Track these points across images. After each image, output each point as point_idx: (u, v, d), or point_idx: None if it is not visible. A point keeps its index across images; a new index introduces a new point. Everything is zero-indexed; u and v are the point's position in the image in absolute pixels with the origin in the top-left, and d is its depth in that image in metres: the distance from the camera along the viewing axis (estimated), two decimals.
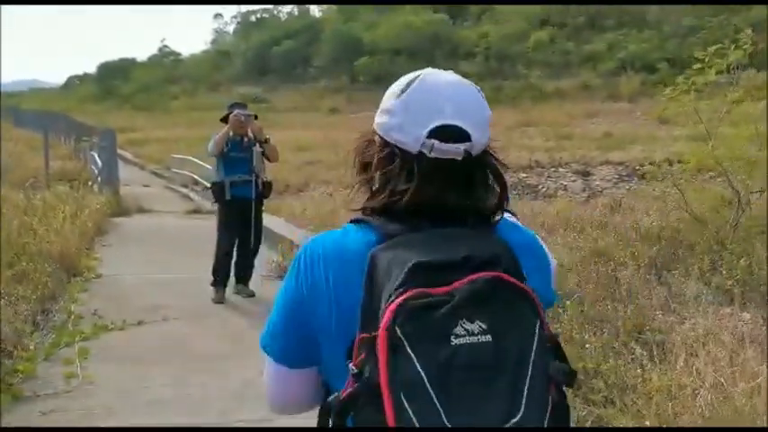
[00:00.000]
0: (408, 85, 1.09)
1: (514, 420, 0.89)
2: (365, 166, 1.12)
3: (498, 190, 1.08)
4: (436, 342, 0.89)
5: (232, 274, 5.76)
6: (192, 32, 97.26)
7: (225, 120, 5.64)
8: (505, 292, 0.94)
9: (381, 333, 0.90)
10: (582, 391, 3.25)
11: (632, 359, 3.45)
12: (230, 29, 69.70)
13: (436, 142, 1.03)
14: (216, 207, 5.86)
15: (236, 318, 5.14)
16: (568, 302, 4.27)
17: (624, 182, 15.74)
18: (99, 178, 13.84)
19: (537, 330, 0.94)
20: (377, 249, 0.99)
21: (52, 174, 15.87)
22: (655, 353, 3.43)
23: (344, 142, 19.97)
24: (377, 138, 1.11)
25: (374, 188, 1.09)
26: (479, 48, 42.62)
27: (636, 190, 12.36)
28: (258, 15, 65.27)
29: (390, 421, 0.88)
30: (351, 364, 0.93)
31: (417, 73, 1.13)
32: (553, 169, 17.73)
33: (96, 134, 16.61)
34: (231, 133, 5.57)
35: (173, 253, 7.54)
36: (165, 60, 62.69)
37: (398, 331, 0.89)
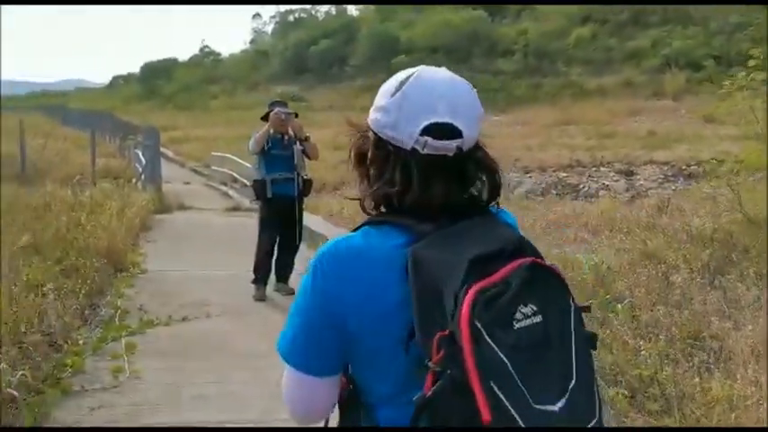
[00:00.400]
0: (402, 83, 1.11)
1: (571, 386, 0.97)
2: (361, 160, 1.15)
3: (489, 183, 1.12)
4: (504, 328, 0.94)
5: (273, 271, 5.76)
6: (232, 33, 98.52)
7: (266, 118, 5.65)
8: (543, 274, 1.00)
9: (464, 327, 0.92)
10: (637, 400, 3.13)
11: (690, 367, 3.31)
12: (269, 29, 70.30)
13: (429, 139, 1.06)
14: (257, 204, 5.88)
15: (277, 315, 5.13)
16: (619, 307, 4.13)
17: (670, 182, 15.34)
18: (143, 176, 14.08)
19: (571, 303, 1.02)
20: (418, 248, 1.01)
21: (98, 171, 16.20)
22: (713, 360, 3.29)
23: None
24: (371, 133, 1.13)
25: (370, 181, 1.13)
26: (518, 45, 42.08)
27: (683, 190, 12.03)
28: (296, 15, 65.66)
29: (486, 414, 0.90)
30: (431, 363, 0.94)
31: (411, 71, 1.15)
32: (595, 168, 17.38)
33: (140, 133, 16.91)
34: (272, 131, 5.57)
35: (214, 250, 7.61)
36: (206, 60, 63.56)
37: (477, 323, 0.92)
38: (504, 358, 0.92)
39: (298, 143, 5.60)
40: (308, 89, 45.33)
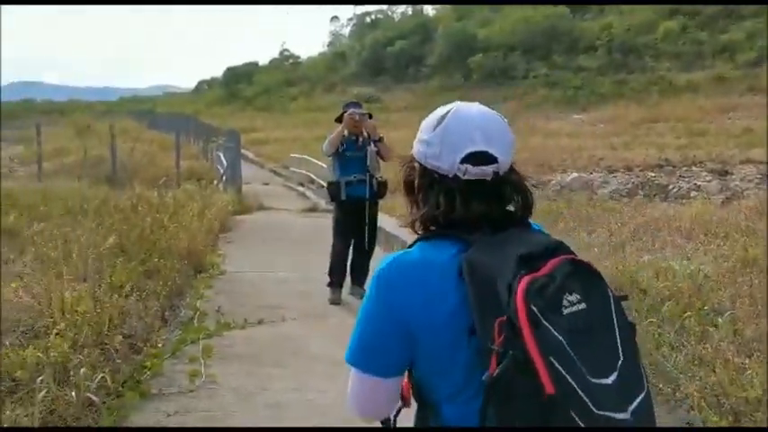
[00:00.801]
0: (443, 117, 1.25)
1: (620, 363, 1.09)
2: (409, 188, 1.31)
3: (522, 201, 1.26)
4: (556, 313, 1.06)
5: (348, 274, 5.69)
6: (311, 36, 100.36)
7: (340, 119, 5.59)
8: (582, 268, 1.15)
9: (521, 310, 1.04)
10: (743, 422, 2.84)
11: None
12: (346, 31, 71.13)
13: (469, 166, 1.21)
14: (332, 206, 5.84)
15: (352, 319, 5.01)
16: (720, 320, 3.80)
17: None
18: (224, 177, 14.43)
19: (610, 293, 1.15)
20: (469, 254, 1.16)
21: (182, 173, 16.75)
22: None
23: None
24: (416, 164, 1.29)
25: (418, 206, 1.28)
26: (601, 40, 40.72)
27: None
28: (373, 17, 66.13)
29: (549, 386, 1.01)
30: (494, 345, 1.05)
31: (449, 107, 1.28)
32: (686, 168, 16.47)
33: (222, 135, 17.38)
34: (346, 133, 5.50)
35: (290, 251, 7.67)
36: (285, 63, 64.89)
37: (534, 308, 1.05)
38: (561, 338, 1.04)
39: (372, 144, 5.51)
40: (385, 90, 45.51)
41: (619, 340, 1.11)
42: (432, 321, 1.18)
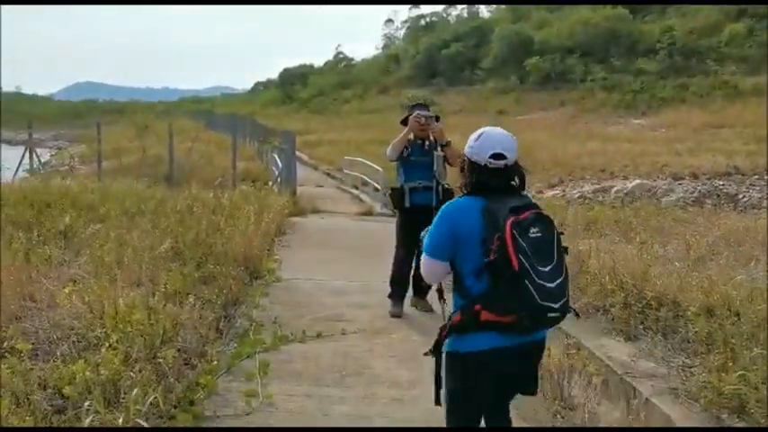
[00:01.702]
0: (480, 135, 2.49)
1: (552, 265, 2.30)
2: (462, 170, 2.53)
3: (520, 180, 2.47)
4: (525, 236, 2.27)
5: (410, 285, 5.41)
6: (365, 38, 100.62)
7: (405, 122, 5.29)
8: (543, 217, 2.36)
9: (508, 235, 2.26)
10: None
11: None
12: (400, 33, 70.98)
13: (492, 160, 2.43)
14: (387, 210, 5.56)
15: (415, 335, 4.75)
16: None
17: None
18: (278, 179, 14.35)
19: (556, 232, 2.39)
20: (487, 204, 2.38)
21: (238, 174, 16.76)
22: None
23: None
24: (466, 158, 2.51)
25: (466, 180, 2.50)
26: (662, 43, 39.34)
27: None
28: (427, 20, 65.80)
29: (515, 265, 2.24)
30: (493, 246, 2.29)
31: (482, 130, 2.51)
32: (756, 177, 15.60)
33: (277, 136, 17.34)
34: (411, 136, 5.21)
35: (347, 257, 7.42)
36: (339, 66, 65.14)
37: (515, 231, 2.27)
38: (525, 246, 2.25)
39: (438, 149, 5.17)
40: (439, 93, 45.08)
41: (555, 251, 2.32)
42: (466, 233, 2.37)
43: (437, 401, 2.49)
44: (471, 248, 2.34)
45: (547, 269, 2.25)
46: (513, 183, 2.43)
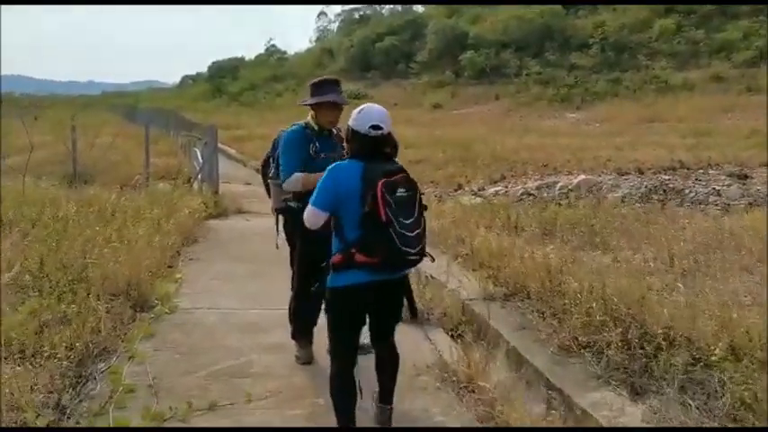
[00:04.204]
0: (361, 110, 3.02)
1: (413, 219, 2.87)
2: (347, 140, 3.06)
3: (393, 148, 3.04)
4: (392, 195, 2.82)
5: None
6: (297, 31, 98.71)
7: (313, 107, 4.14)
8: (409, 180, 2.95)
9: (379, 192, 2.79)
10: None
11: None
12: (334, 27, 69.73)
13: (372, 130, 2.96)
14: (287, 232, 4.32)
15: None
16: None
17: None
18: (199, 176, 13.01)
19: (418, 193, 3.00)
20: (365, 167, 2.91)
21: (157, 170, 15.30)
22: None
23: (449, 139, 18.00)
24: (351, 129, 3.01)
25: (350, 147, 3.04)
26: (595, 38, 39.91)
27: None
28: (361, 13, 64.89)
29: (383, 217, 2.77)
30: (366, 206, 2.82)
31: (363, 106, 3.06)
32: (701, 171, 15.20)
33: (198, 130, 15.97)
34: (315, 126, 4.10)
35: (268, 272, 6.10)
36: (271, 59, 63.47)
37: (384, 191, 2.81)
38: (392, 202, 2.80)
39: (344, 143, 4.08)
40: (373, 86, 44.53)
41: (416, 208, 2.90)
42: (347, 190, 2.88)
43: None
44: (351, 203, 2.84)
45: (408, 222, 2.81)
46: (387, 150, 2.98)
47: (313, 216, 2.96)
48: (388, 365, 3.14)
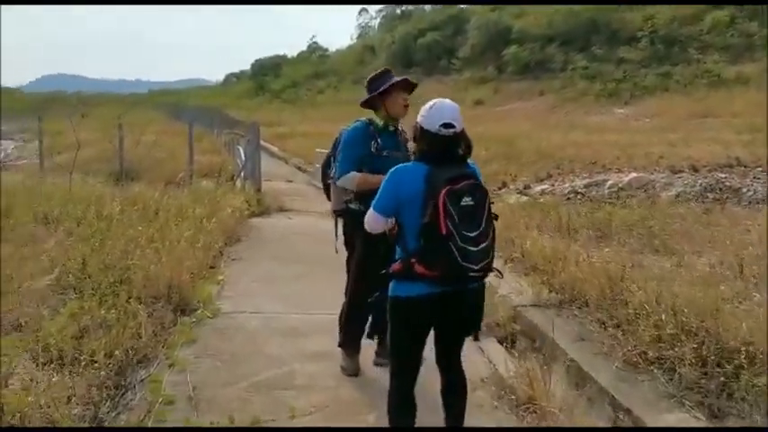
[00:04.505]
0: (432, 106, 2.74)
1: (478, 231, 2.58)
2: (414, 138, 2.79)
3: (466, 147, 2.74)
4: (456, 204, 2.55)
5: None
6: (339, 28, 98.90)
7: (370, 104, 3.90)
8: (477, 187, 2.65)
9: (441, 200, 2.52)
10: None
11: None
12: (375, 23, 69.60)
13: (443, 128, 2.67)
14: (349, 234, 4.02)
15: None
16: None
17: None
18: (242, 173, 13.01)
19: (488, 201, 2.67)
20: (429, 171, 2.63)
21: (201, 168, 15.37)
22: None
23: (492, 136, 17.44)
24: (419, 127, 2.74)
25: (418, 147, 2.76)
26: (644, 31, 38.72)
27: None
28: (403, 9, 64.60)
29: (443, 229, 2.51)
30: (426, 211, 2.56)
31: (434, 101, 2.76)
32: (759, 169, 14.50)
33: (240, 127, 15.99)
34: (380, 121, 3.88)
35: (310, 274, 5.98)
36: (313, 56, 63.69)
37: (447, 200, 2.53)
38: (454, 213, 2.52)
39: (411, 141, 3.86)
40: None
41: (484, 219, 2.61)
42: (409, 195, 2.65)
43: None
44: (412, 210, 2.64)
45: (473, 234, 2.57)
46: (459, 151, 2.72)
47: (373, 220, 2.78)
48: (454, 391, 2.84)
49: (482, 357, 3.82)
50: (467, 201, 2.55)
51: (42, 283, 3.76)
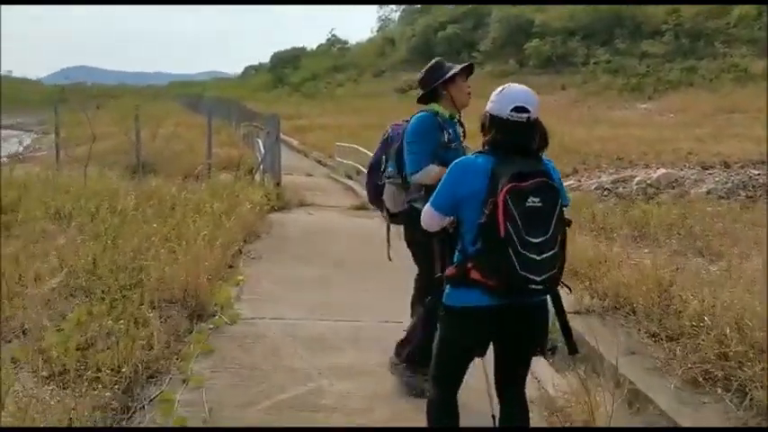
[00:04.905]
0: (503, 89, 2.42)
1: (545, 237, 2.22)
2: (483, 127, 2.45)
3: (542, 138, 2.40)
4: (520, 204, 2.20)
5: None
6: (359, 21, 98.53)
7: (429, 98, 3.50)
8: (547, 186, 2.27)
9: (501, 199, 2.20)
10: None
11: None
12: (395, 16, 69.12)
13: (514, 113, 2.36)
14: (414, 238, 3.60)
15: None
16: None
17: None
18: (261, 167, 12.77)
19: (559, 202, 2.29)
20: (494, 164, 2.32)
21: (217, 162, 15.17)
22: None
23: None
24: (488, 114, 2.42)
25: (486, 137, 2.42)
26: (668, 24, 38.06)
27: None
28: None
29: (501, 231, 2.19)
30: (485, 210, 2.25)
31: (505, 85, 2.46)
32: None
33: (259, 120, 15.78)
34: (447, 113, 3.51)
35: (335, 276, 5.67)
36: (333, 49, 63.43)
37: (509, 198, 2.20)
38: (516, 215, 2.19)
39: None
40: None
41: (553, 224, 2.25)
42: (469, 192, 2.36)
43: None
44: (473, 208, 2.34)
45: (537, 240, 2.23)
46: (532, 142, 2.39)
47: (428, 217, 2.49)
48: (513, 423, 2.47)
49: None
50: (533, 201, 2.20)
51: (49, 286, 3.51)
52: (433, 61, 3.55)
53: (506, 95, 2.38)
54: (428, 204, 2.48)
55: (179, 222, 5.34)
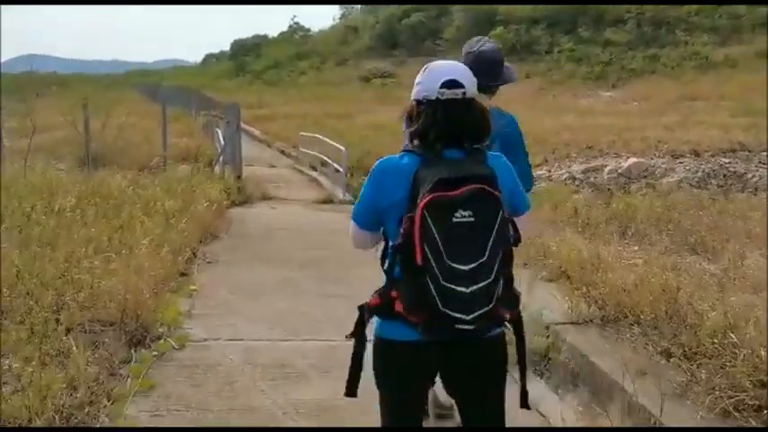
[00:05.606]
0: (425, 69, 1.95)
1: (476, 264, 1.69)
2: (409, 119, 1.92)
3: (484, 123, 1.90)
4: (443, 220, 1.69)
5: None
6: (322, 8, 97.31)
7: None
8: (482, 196, 1.72)
9: (418, 213, 1.70)
10: None
11: None
12: (358, 4, 68.36)
13: (445, 90, 1.85)
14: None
15: None
16: None
17: None
18: (221, 158, 12.15)
19: (499, 214, 1.73)
20: (419, 168, 1.80)
21: (175, 153, 14.47)
22: None
23: None
24: (414, 103, 1.92)
25: (413, 130, 1.89)
26: (631, 13, 38.36)
27: None
28: None
29: (418, 260, 1.69)
30: (401, 228, 1.75)
31: (426, 65, 1.97)
32: (765, 153, 13.95)
33: (219, 108, 15.12)
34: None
35: (300, 280, 5.14)
36: (295, 36, 62.45)
37: (425, 212, 1.69)
38: (436, 235, 1.69)
39: None
40: (399, 64, 43.47)
41: (489, 246, 1.71)
42: (388, 201, 1.87)
43: (349, 390, 1.92)
44: (394, 222, 1.83)
45: (466, 268, 1.69)
46: (470, 127, 1.88)
47: (354, 234, 2.02)
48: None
49: (518, 391, 3.01)
50: (462, 216, 1.68)
51: None
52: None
53: (432, 71, 1.90)
54: (353, 223, 2.02)
55: (124, 224, 4.74)
